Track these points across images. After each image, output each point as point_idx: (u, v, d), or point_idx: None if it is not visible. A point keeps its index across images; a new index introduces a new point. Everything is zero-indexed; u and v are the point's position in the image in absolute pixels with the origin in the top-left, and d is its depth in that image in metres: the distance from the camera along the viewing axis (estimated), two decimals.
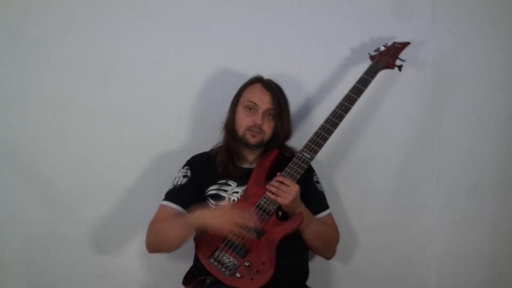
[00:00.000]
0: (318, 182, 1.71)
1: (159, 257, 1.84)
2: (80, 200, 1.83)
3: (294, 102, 1.89)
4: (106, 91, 1.84)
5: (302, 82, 1.91)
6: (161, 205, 1.62)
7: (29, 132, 1.80)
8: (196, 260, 1.55)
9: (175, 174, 1.67)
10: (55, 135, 1.82)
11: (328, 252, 1.69)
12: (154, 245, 1.58)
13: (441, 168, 1.98)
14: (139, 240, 1.85)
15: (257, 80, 1.68)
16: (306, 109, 1.91)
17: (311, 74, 1.91)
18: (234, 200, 1.58)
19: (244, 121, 1.61)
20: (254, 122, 1.59)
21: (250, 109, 1.61)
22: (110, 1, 1.83)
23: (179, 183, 1.63)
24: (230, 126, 1.66)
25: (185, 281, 1.58)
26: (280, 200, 1.49)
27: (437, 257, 1.98)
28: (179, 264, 1.75)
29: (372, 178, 1.95)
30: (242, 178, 1.61)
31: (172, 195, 1.62)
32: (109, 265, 1.84)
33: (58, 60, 1.81)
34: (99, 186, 1.84)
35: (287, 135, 1.68)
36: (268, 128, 1.62)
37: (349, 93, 1.63)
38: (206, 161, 1.66)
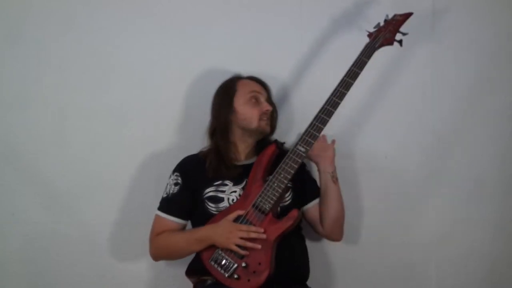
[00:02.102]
0: (309, 170, 1.75)
1: None
2: (80, 200, 1.83)
3: (294, 102, 1.90)
4: (106, 91, 1.84)
5: (302, 82, 1.90)
6: (157, 217, 1.62)
7: (29, 132, 1.81)
8: (199, 258, 1.54)
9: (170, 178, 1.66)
10: (55, 135, 1.82)
11: (341, 228, 1.67)
12: (161, 257, 1.67)
13: (442, 168, 1.97)
14: (139, 240, 1.85)
15: (240, 77, 1.70)
16: (306, 109, 1.90)
17: (311, 74, 1.91)
18: (233, 199, 1.58)
19: (254, 112, 1.61)
20: (266, 109, 1.62)
21: (255, 100, 1.62)
22: (110, 1, 1.84)
23: (171, 191, 1.61)
24: (223, 127, 1.63)
25: (188, 273, 1.61)
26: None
27: (437, 257, 1.98)
28: (179, 264, 1.74)
29: (371, 178, 1.95)
30: (237, 176, 1.60)
31: (167, 205, 1.61)
32: (109, 265, 1.84)
33: (58, 60, 1.82)
34: (99, 186, 1.84)
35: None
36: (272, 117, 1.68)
37: (344, 78, 1.53)
38: (196, 164, 1.63)
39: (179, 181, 1.61)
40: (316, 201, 1.67)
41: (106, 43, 1.83)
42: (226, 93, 1.66)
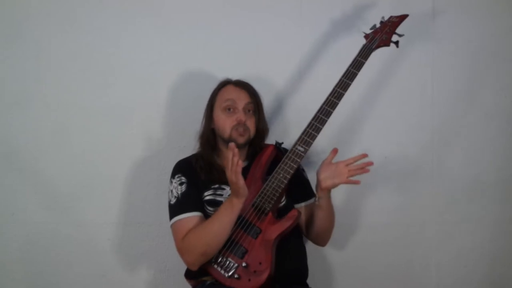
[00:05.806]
0: (303, 170, 1.71)
1: (159, 257, 1.85)
2: (80, 200, 1.83)
3: (293, 102, 1.90)
4: (106, 91, 1.84)
5: (302, 82, 1.90)
6: (177, 222, 1.52)
7: (29, 132, 1.81)
8: None
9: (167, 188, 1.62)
10: (55, 135, 1.82)
11: (328, 236, 1.66)
12: (200, 255, 1.47)
13: (441, 168, 1.97)
14: (139, 240, 1.85)
15: (227, 82, 1.66)
16: (306, 109, 1.90)
17: (311, 74, 1.91)
18: None
19: (227, 122, 1.58)
20: (238, 120, 1.57)
21: (229, 109, 1.59)
22: (110, 1, 1.84)
23: (180, 192, 1.57)
24: (207, 136, 1.63)
25: (187, 276, 1.59)
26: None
27: (437, 257, 1.98)
28: (179, 264, 1.74)
29: (372, 178, 1.94)
30: None
31: (181, 206, 1.54)
32: (109, 265, 1.84)
33: (58, 60, 1.82)
34: (99, 186, 1.84)
35: (266, 131, 1.67)
36: (251, 124, 1.61)
37: (342, 78, 1.53)
38: (190, 167, 1.61)
39: (184, 180, 1.58)
40: (306, 203, 1.65)
41: (106, 43, 1.84)
42: (209, 101, 1.66)
